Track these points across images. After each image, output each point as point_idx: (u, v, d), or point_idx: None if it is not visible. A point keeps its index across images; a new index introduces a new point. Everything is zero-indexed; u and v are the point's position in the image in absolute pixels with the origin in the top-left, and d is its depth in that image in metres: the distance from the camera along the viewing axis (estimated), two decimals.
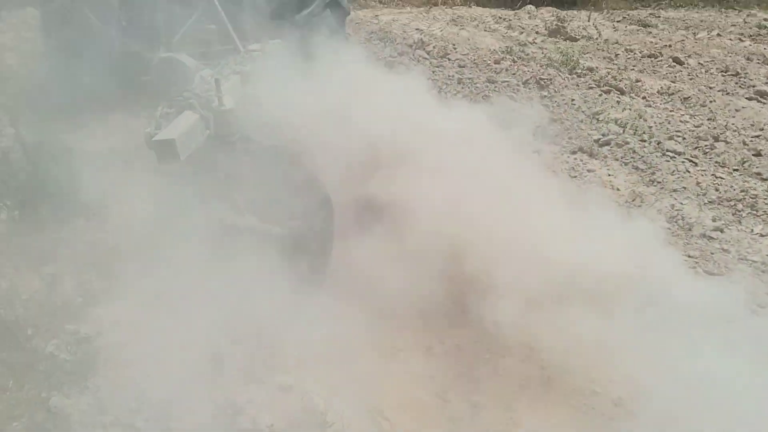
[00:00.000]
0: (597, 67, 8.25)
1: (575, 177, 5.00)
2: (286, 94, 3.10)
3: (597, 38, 10.59)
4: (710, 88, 7.74)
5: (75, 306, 2.86)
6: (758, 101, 7.18)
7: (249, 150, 2.95)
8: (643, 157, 5.21)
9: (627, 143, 5.39)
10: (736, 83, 7.93)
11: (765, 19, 12.05)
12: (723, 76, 8.33)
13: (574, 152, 5.34)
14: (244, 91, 3.14)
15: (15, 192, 3.50)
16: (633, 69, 8.57)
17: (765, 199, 4.63)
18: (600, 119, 6.18)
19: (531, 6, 12.96)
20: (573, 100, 6.76)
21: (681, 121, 6.18)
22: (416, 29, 10.12)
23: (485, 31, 10.68)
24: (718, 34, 11.00)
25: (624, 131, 5.73)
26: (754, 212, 4.45)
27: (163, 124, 2.77)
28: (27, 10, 6.71)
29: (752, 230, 4.21)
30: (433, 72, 7.72)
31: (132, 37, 3.82)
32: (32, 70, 5.51)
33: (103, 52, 3.79)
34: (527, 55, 8.69)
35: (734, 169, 5.13)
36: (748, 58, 9.19)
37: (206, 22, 3.73)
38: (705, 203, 4.52)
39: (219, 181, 2.92)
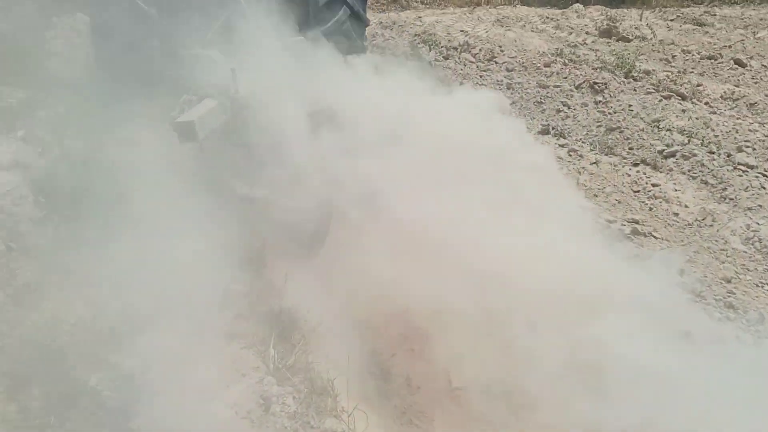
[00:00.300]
0: (654, 70, 7.84)
1: (638, 192, 4.68)
2: (298, 85, 3.45)
3: (651, 39, 10.12)
4: None
5: (120, 334, 2.75)
6: None
7: (262, 133, 3.28)
8: (712, 170, 4.85)
9: (694, 155, 5.03)
10: None
11: None
12: None
13: (636, 164, 5.02)
14: (261, 82, 3.45)
15: (61, 208, 3.42)
16: (692, 72, 8.12)
17: None
18: (661, 127, 5.81)
19: (578, 5, 12.52)
20: (630, 106, 6.40)
21: (750, 130, 5.76)
22: (461, 31, 9.85)
23: (532, 31, 10.32)
24: None
25: (689, 141, 5.36)
26: None
27: (186, 109, 3.15)
28: (77, 15, 6.73)
29: None
30: (481, 77, 7.46)
31: (169, 37, 3.99)
32: (80, 78, 5.50)
33: (146, 60, 3.85)
34: (578, 57, 8.33)
35: None
36: None
37: (235, 22, 4.03)
38: None
39: (236, 160, 3.31)
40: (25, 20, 7.11)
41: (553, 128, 5.80)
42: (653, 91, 6.96)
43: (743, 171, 4.87)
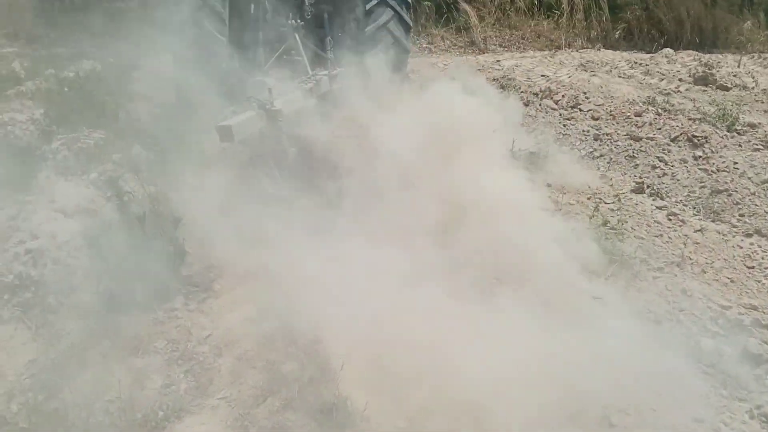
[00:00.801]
0: (760, 123, 7.04)
1: (753, 268, 4.02)
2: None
3: (753, 87, 9.26)
4: None
5: (156, 420, 2.46)
6: None
7: (291, 139, 4.13)
8: None
9: None
10: None
11: None
12: None
13: (749, 235, 4.35)
14: (304, 102, 4.30)
15: (114, 270, 3.24)
16: None
17: None
18: None
19: (669, 49, 11.77)
20: (736, 163, 5.69)
21: None
22: (541, 75, 9.39)
23: (619, 77, 9.70)
24: None
25: None
26: None
27: (228, 117, 3.77)
28: (163, 56, 6.82)
29: None
30: (564, 125, 6.97)
31: (237, 67, 4.70)
32: (158, 120, 5.47)
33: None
34: (672, 106, 7.65)
35: None
36: None
37: (291, 54, 4.95)
38: None
39: (268, 161, 4.07)
40: (113, 60, 7.33)
41: (648, 186, 5.21)
42: (761, 147, 6.20)
43: None
